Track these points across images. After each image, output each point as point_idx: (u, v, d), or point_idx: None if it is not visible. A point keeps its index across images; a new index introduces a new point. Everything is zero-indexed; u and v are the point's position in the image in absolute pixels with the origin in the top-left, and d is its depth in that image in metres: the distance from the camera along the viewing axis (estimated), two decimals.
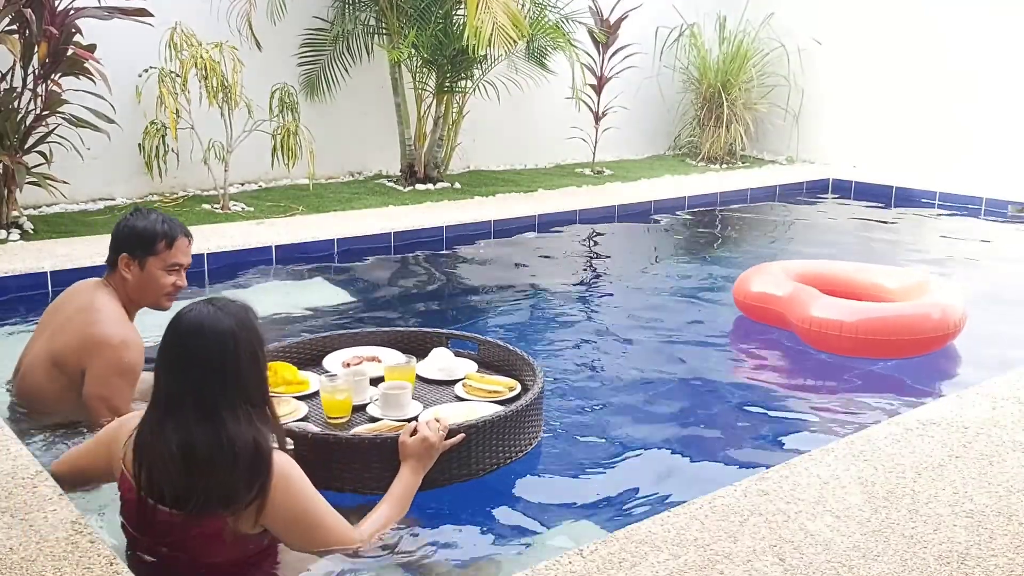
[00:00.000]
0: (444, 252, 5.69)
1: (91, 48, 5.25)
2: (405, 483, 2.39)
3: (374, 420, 2.71)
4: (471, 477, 2.58)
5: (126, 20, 5.36)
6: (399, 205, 6.41)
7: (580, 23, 7.78)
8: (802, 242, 6.66)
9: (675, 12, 9.12)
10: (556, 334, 4.33)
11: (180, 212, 5.93)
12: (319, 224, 5.67)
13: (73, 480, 2.33)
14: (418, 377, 2.97)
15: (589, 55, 8.02)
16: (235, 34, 6.23)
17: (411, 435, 2.44)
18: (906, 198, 7.80)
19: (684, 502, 2.36)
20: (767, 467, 2.57)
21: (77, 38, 5.26)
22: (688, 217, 7.11)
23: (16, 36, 4.93)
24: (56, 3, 5.12)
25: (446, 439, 2.47)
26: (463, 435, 2.51)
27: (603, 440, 3.16)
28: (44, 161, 5.37)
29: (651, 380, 3.74)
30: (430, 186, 7.11)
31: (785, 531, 2.22)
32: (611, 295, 5.21)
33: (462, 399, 2.86)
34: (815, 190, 8.24)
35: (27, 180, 5.18)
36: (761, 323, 4.24)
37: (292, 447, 2.36)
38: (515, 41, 6.27)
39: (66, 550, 2.00)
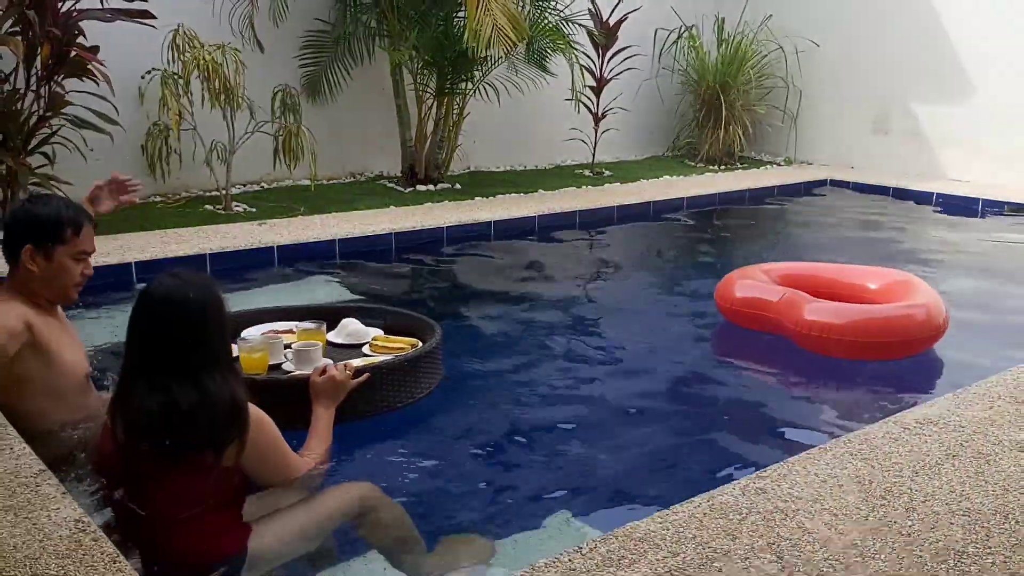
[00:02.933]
0: (444, 252, 5.71)
1: (94, 50, 5.27)
2: (322, 418, 2.65)
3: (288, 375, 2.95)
4: (375, 413, 2.90)
5: (129, 22, 5.38)
6: (400, 206, 6.42)
7: (579, 25, 7.80)
8: (801, 243, 6.67)
9: (674, 14, 9.14)
10: (555, 334, 4.35)
11: (183, 213, 5.96)
12: (321, 225, 5.69)
13: None
14: (329, 343, 3.20)
15: (588, 57, 8.04)
16: (237, 36, 6.25)
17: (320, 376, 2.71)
18: (903, 199, 7.82)
19: (683, 500, 2.38)
20: (765, 465, 2.59)
21: (80, 40, 5.27)
22: (687, 218, 7.12)
23: (19, 38, 4.95)
24: (59, 5, 5.14)
25: (352, 379, 2.74)
26: (368, 375, 2.79)
27: (599, 439, 3.17)
28: (47, 162, 5.39)
29: (648, 380, 3.76)
30: (431, 187, 7.13)
31: (783, 529, 2.24)
32: (610, 295, 5.23)
33: (368, 355, 3.11)
34: (813, 191, 8.25)
35: (30, 181, 5.20)
36: (748, 328, 4.18)
37: None
38: (515, 43, 6.29)
39: (70, 548, 2.01)
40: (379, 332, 3.32)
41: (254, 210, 6.08)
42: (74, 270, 2.64)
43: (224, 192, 6.09)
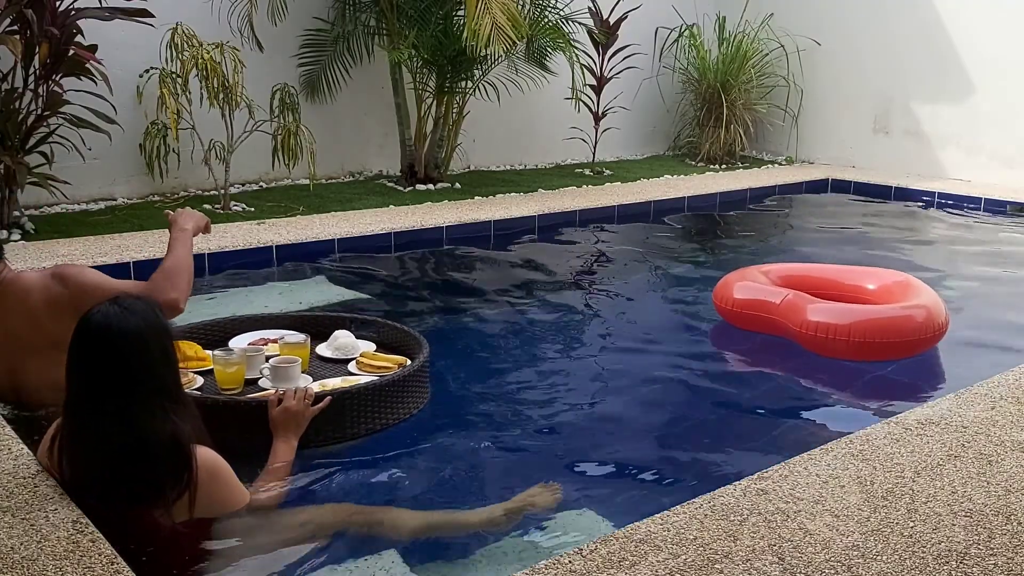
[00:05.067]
0: (444, 252, 5.70)
1: (92, 48, 5.26)
2: (279, 454, 2.51)
3: (264, 391, 2.82)
4: (344, 440, 2.76)
5: (127, 21, 5.37)
6: (399, 205, 6.41)
7: (580, 23, 7.79)
8: (801, 243, 6.66)
9: (674, 13, 9.13)
10: (553, 334, 4.34)
11: None
12: (320, 224, 5.68)
13: None
14: (317, 356, 3.12)
15: (589, 55, 8.03)
16: (236, 35, 6.24)
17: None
18: (905, 198, 7.82)
19: (684, 501, 2.37)
20: (766, 466, 2.58)
21: (78, 39, 5.26)
22: (688, 217, 7.12)
23: (17, 37, 4.94)
24: (57, 3, 5.13)
25: (313, 406, 2.60)
26: (329, 398, 2.65)
27: (599, 441, 3.16)
28: (45, 161, 5.38)
29: (647, 381, 3.75)
30: (430, 186, 7.12)
31: (784, 530, 2.23)
32: (609, 296, 5.22)
33: (352, 374, 3.02)
34: (814, 190, 8.25)
35: (28, 180, 5.19)
36: (747, 330, 4.16)
37: None
38: (514, 42, 6.28)
39: (67, 549, 2.00)
40: (370, 347, 3.21)
41: (252, 209, 6.07)
42: None
43: (222, 191, 6.07)
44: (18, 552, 1.99)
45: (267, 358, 2.97)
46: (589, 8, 8.06)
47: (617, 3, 8.15)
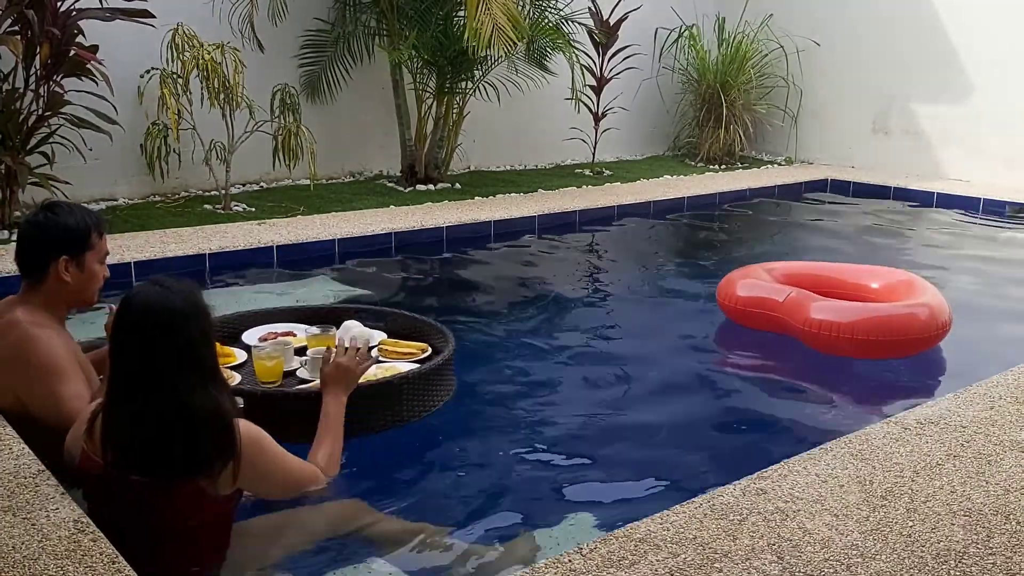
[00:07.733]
0: (444, 252, 5.71)
1: (93, 49, 5.27)
2: (331, 412, 2.56)
3: (304, 383, 2.89)
4: (400, 424, 2.83)
5: (128, 21, 5.37)
6: (400, 205, 6.42)
7: (580, 24, 7.80)
8: (801, 242, 6.67)
9: (674, 13, 9.14)
10: (553, 335, 4.34)
11: (182, 213, 5.96)
12: (320, 224, 5.69)
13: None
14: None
15: (589, 56, 8.03)
16: (237, 35, 6.24)
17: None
18: (904, 199, 7.82)
19: (683, 501, 2.37)
20: (765, 466, 2.59)
21: (79, 39, 5.27)
22: (687, 217, 7.12)
23: (18, 37, 4.95)
24: (58, 4, 5.14)
25: (361, 364, 2.65)
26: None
27: (599, 440, 3.17)
28: (46, 162, 5.39)
29: (648, 379, 3.76)
30: (430, 187, 7.12)
31: (784, 530, 2.24)
32: (610, 296, 5.23)
33: (380, 361, 3.05)
34: (814, 190, 8.25)
35: (29, 180, 5.19)
36: (751, 327, 4.17)
37: (242, 405, 2.54)
38: (514, 42, 6.28)
39: (68, 548, 2.01)
40: (383, 335, 3.26)
41: (253, 210, 6.08)
42: (100, 274, 2.62)
43: (223, 192, 6.08)
44: (20, 551, 1.99)
45: (296, 351, 3.04)
46: (589, 8, 8.07)
47: (617, 3, 8.15)
